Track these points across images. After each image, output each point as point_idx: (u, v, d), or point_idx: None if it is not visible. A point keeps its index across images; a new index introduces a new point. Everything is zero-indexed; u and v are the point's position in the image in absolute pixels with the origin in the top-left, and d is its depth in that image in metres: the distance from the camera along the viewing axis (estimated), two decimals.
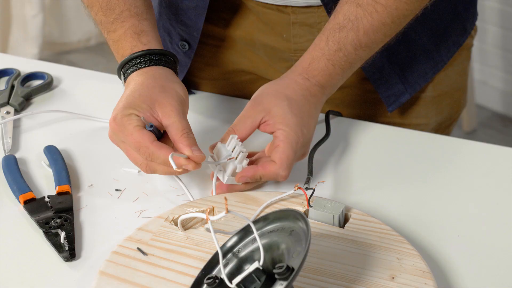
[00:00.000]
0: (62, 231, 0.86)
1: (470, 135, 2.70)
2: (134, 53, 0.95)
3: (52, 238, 0.85)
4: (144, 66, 0.95)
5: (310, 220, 0.85)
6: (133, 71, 0.95)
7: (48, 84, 1.17)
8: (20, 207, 0.91)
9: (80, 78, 1.21)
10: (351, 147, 1.03)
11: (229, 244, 0.76)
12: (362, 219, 0.85)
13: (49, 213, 0.89)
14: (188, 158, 0.87)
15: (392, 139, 1.05)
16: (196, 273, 0.75)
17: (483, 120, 2.80)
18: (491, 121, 2.81)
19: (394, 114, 1.15)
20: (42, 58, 3.14)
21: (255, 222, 0.75)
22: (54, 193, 0.93)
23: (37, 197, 0.92)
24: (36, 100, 1.15)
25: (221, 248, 0.75)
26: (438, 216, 0.90)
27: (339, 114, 1.10)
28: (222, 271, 0.71)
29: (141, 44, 0.97)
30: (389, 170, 0.98)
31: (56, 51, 3.33)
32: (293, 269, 0.67)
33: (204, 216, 0.79)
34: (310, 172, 0.92)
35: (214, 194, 0.91)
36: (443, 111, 1.19)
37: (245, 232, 0.76)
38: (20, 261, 0.84)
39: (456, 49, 1.15)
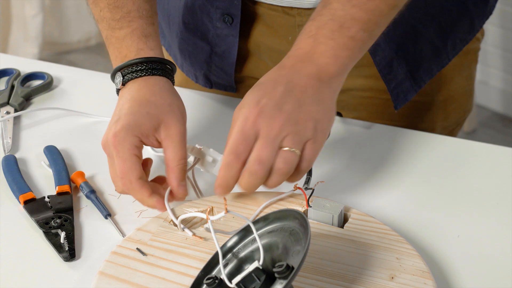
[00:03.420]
0: (62, 231, 0.86)
1: (470, 135, 2.70)
2: (137, 58, 0.93)
3: (52, 238, 0.86)
4: (147, 74, 0.92)
5: (309, 220, 0.85)
6: (134, 77, 0.92)
7: (48, 84, 1.17)
8: (20, 207, 0.91)
9: (80, 78, 1.22)
10: (351, 147, 1.03)
11: (229, 244, 0.76)
12: (361, 219, 0.85)
13: (49, 213, 0.89)
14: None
15: (392, 139, 1.05)
16: (195, 273, 0.75)
17: (483, 120, 2.80)
18: (491, 121, 2.81)
19: (399, 118, 1.14)
20: (42, 58, 3.14)
21: (255, 222, 0.75)
22: (54, 193, 0.93)
23: (37, 197, 0.92)
24: (36, 100, 1.15)
25: (221, 248, 0.75)
26: (438, 216, 0.90)
27: (339, 114, 1.10)
28: (222, 271, 0.71)
29: (147, 48, 0.94)
30: (388, 170, 0.98)
31: (56, 51, 3.33)
32: (292, 268, 0.67)
33: (204, 216, 0.80)
34: (309, 172, 0.92)
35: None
36: (449, 116, 1.18)
37: (245, 232, 0.77)
38: (20, 261, 0.84)
39: (463, 46, 1.12)
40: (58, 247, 0.84)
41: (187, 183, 0.89)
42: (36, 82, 1.19)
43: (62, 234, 0.85)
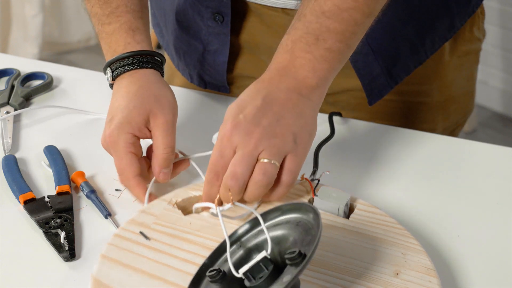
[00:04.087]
0: (62, 231, 0.86)
1: (470, 135, 2.70)
2: (126, 53, 0.96)
3: (52, 238, 0.85)
4: (134, 68, 0.96)
5: None
6: (122, 72, 0.96)
7: (48, 84, 1.17)
8: (20, 207, 0.91)
9: (80, 78, 1.21)
10: (351, 148, 1.03)
11: (237, 233, 0.76)
12: (367, 210, 0.84)
13: (49, 213, 0.89)
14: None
15: (392, 139, 1.05)
16: (198, 259, 0.75)
17: (483, 120, 2.81)
18: (491, 121, 2.82)
19: (399, 118, 1.14)
20: (42, 58, 3.14)
21: (266, 213, 0.74)
22: (54, 193, 0.93)
23: (37, 197, 0.92)
24: (36, 100, 1.15)
25: (229, 237, 0.74)
26: (438, 215, 0.90)
27: (339, 114, 1.10)
28: (229, 259, 0.70)
29: (134, 42, 0.97)
30: (388, 170, 0.98)
31: (56, 51, 3.34)
32: (305, 255, 0.66)
33: (213, 205, 0.80)
34: (316, 164, 0.91)
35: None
36: (449, 116, 1.18)
37: (253, 222, 0.76)
38: (20, 261, 0.83)
39: (442, 44, 1.11)
40: (58, 247, 0.84)
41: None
42: (36, 82, 1.19)
43: (62, 234, 0.85)
